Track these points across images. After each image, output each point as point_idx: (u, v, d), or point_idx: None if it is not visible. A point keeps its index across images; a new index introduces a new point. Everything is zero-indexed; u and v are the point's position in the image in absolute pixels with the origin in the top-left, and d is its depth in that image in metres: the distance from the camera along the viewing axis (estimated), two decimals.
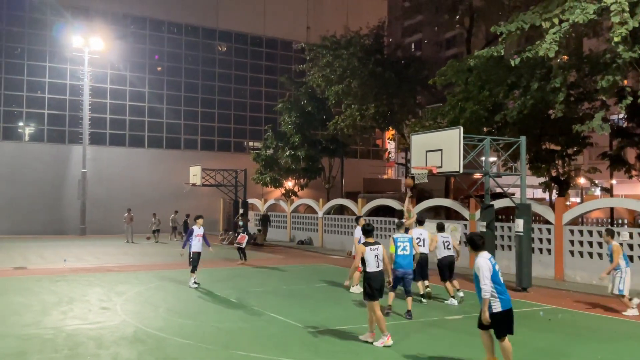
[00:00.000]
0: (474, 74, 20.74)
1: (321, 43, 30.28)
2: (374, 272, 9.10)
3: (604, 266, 15.70)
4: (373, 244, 9.21)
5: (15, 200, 34.85)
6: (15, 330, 9.92)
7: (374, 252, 9.12)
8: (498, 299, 7.32)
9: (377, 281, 9.12)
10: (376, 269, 9.12)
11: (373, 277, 9.11)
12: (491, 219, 16.35)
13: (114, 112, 38.86)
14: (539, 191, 35.19)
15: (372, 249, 9.13)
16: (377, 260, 9.12)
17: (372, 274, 9.11)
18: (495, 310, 7.31)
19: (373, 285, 9.09)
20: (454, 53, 57.14)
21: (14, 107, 36.44)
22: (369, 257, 9.11)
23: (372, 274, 9.11)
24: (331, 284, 15.90)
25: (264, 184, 35.13)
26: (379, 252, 9.18)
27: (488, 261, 7.36)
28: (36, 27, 36.82)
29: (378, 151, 49.73)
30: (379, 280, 9.15)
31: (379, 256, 9.16)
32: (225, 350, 8.77)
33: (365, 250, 9.13)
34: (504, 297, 7.37)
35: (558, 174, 22.37)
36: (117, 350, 8.66)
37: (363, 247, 9.17)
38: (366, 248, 9.14)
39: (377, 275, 9.13)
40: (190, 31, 41.76)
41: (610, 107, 19.58)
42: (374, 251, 9.13)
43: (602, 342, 9.72)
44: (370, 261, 9.11)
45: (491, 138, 16.20)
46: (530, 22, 14.99)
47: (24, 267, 19.02)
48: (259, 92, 44.32)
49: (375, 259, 9.11)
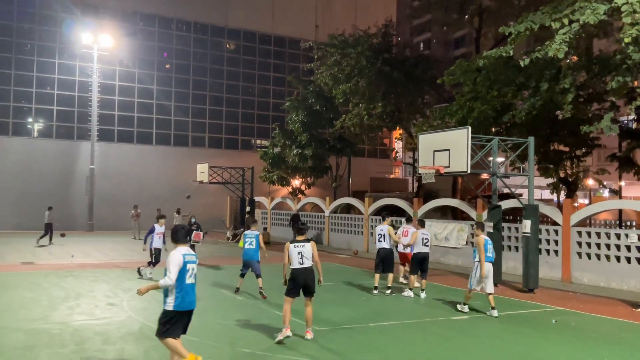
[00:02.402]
0: (482, 73, 20.67)
1: (329, 42, 30.24)
2: (296, 269, 9.24)
3: (612, 268, 15.69)
4: (300, 241, 9.34)
5: (23, 195, 35.05)
6: (24, 324, 10.00)
7: (298, 250, 9.25)
8: (175, 296, 6.93)
9: (300, 278, 9.22)
10: (299, 265, 9.21)
11: (295, 274, 9.25)
12: (498, 219, 16.32)
13: (123, 109, 39.01)
14: (547, 192, 35.05)
15: (297, 246, 9.27)
16: (300, 258, 9.22)
17: (294, 270, 9.26)
18: (169, 307, 6.99)
19: (296, 281, 9.25)
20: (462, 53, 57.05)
21: (23, 103, 36.65)
22: (293, 254, 9.25)
23: (295, 271, 9.25)
24: (337, 282, 15.90)
25: (271, 182, 35.15)
26: (305, 249, 9.26)
27: (181, 256, 7.01)
28: (46, 24, 37.01)
29: (385, 150, 49.63)
30: (302, 277, 9.22)
31: (303, 253, 9.24)
32: (230, 347, 8.80)
33: (289, 248, 9.30)
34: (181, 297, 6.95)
35: (566, 175, 22.27)
36: (123, 346, 8.70)
37: (288, 245, 9.36)
38: (291, 245, 9.31)
39: (299, 272, 9.22)
40: (199, 29, 41.85)
41: (619, 109, 19.50)
42: (297, 248, 9.26)
43: (609, 344, 9.67)
44: (294, 258, 9.24)
45: (499, 138, 16.15)
46: (539, 22, 14.90)
47: (32, 262, 19.16)
48: (266, 90, 44.37)
49: (299, 255, 9.23)
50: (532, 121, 19.27)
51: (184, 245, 7.12)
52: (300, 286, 9.29)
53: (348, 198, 29.24)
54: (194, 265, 7.07)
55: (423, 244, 13.87)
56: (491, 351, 9.00)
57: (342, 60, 28.69)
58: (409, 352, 8.72)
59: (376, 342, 9.29)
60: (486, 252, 11.67)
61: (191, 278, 7.00)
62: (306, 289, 9.34)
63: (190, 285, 7.00)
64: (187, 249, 7.07)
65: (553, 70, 18.22)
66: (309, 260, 9.30)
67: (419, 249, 13.85)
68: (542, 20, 14.85)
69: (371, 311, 11.95)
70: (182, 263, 6.92)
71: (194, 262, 7.06)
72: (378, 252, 14.03)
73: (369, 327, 10.35)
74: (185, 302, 6.94)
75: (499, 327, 10.82)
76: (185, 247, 7.08)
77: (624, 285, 15.30)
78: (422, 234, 13.92)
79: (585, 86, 19.00)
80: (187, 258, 6.97)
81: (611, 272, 15.74)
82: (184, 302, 6.92)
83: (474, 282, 11.83)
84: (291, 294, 9.29)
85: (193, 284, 7.04)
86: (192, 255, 7.03)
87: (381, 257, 13.92)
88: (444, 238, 20.69)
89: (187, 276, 6.94)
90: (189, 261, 6.97)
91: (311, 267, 9.34)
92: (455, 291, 14.82)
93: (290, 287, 9.30)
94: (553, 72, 18.19)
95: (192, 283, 7.02)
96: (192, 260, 7.02)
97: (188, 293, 6.95)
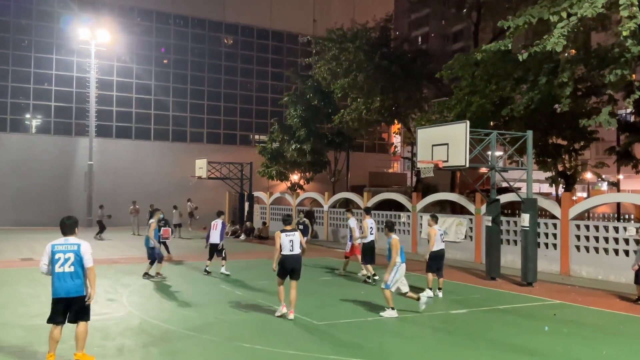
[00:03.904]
0: (480, 67, 20.64)
1: (327, 36, 30.19)
2: (286, 255, 10.33)
3: (610, 261, 15.72)
4: (289, 231, 10.47)
5: (22, 191, 35.03)
6: (22, 320, 10.00)
7: (289, 238, 10.35)
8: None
9: (289, 263, 10.32)
10: (289, 252, 10.32)
11: (285, 259, 10.33)
12: (497, 213, 16.34)
13: (121, 105, 38.96)
14: (545, 186, 35.11)
15: (287, 235, 10.38)
16: (291, 245, 10.32)
17: (285, 256, 10.34)
18: None
19: (284, 266, 10.34)
20: (460, 46, 56.94)
21: (21, 99, 36.59)
22: (284, 242, 10.33)
23: (285, 257, 10.34)
24: (336, 277, 15.94)
25: (270, 177, 35.12)
26: (294, 238, 10.41)
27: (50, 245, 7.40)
28: (44, 20, 36.91)
29: (384, 145, 49.66)
30: (290, 262, 10.32)
31: (294, 241, 10.36)
32: (230, 342, 8.81)
33: (281, 236, 10.34)
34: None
35: (565, 168, 22.28)
36: (123, 342, 8.71)
37: (279, 234, 10.39)
38: (282, 234, 10.36)
39: (288, 258, 10.32)
40: (196, 24, 41.75)
41: (618, 102, 19.48)
42: (288, 237, 10.36)
43: (607, 337, 9.70)
44: (285, 246, 10.32)
45: (498, 132, 16.15)
46: (538, 15, 14.87)
47: (31, 259, 19.14)
48: (265, 85, 44.31)
49: (290, 243, 10.32)
50: (530, 115, 19.26)
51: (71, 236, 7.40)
52: (288, 270, 10.37)
53: (347, 193, 29.23)
54: (63, 254, 7.24)
55: (441, 240, 13.32)
56: (490, 344, 9.02)
57: (340, 54, 28.65)
58: (407, 346, 8.74)
59: (375, 336, 9.31)
60: (401, 253, 10.87)
61: (61, 267, 7.21)
62: (293, 272, 10.41)
63: (61, 274, 7.21)
64: (65, 239, 7.31)
65: (551, 64, 18.19)
66: (298, 248, 10.42)
67: (438, 246, 13.14)
68: (541, 13, 14.82)
69: (369, 305, 11.97)
70: (51, 252, 7.26)
71: (63, 252, 7.25)
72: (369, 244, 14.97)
73: (367, 322, 10.37)
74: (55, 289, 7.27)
75: (497, 320, 10.85)
76: (63, 238, 7.35)
77: (622, 278, 15.32)
78: (439, 230, 13.38)
79: (583, 79, 18.99)
80: (56, 248, 7.28)
81: (609, 265, 15.77)
82: (54, 290, 7.28)
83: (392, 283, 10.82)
84: (282, 276, 10.45)
85: (63, 272, 7.21)
86: (62, 245, 7.26)
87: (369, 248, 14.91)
88: (443, 232, 20.64)
89: (57, 265, 7.22)
90: (57, 251, 7.26)
91: (299, 254, 10.44)
92: (455, 285, 14.84)
93: (280, 270, 10.42)
94: (551, 66, 18.16)
95: (62, 272, 7.21)
96: (61, 250, 7.25)
97: (59, 280, 7.23)
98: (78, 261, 7.25)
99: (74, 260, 7.23)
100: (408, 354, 8.34)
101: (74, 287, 7.23)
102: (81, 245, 7.31)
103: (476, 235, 19.72)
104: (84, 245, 7.35)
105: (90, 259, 7.35)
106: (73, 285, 7.23)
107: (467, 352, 8.52)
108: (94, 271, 7.36)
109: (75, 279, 7.24)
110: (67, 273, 7.21)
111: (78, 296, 7.27)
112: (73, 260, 7.23)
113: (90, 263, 7.33)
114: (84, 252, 7.30)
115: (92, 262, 7.37)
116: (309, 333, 9.49)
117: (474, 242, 19.87)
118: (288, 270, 10.38)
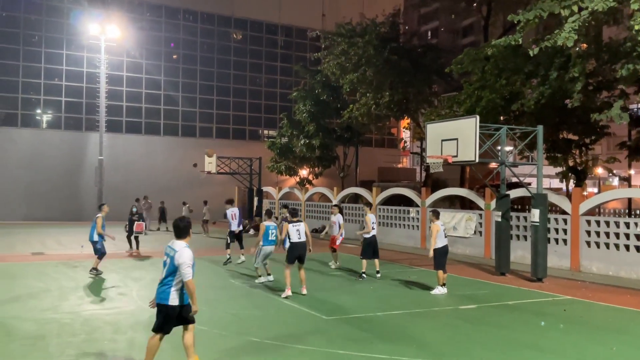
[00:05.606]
0: (491, 62, 20.51)
1: (336, 31, 30.10)
2: (295, 242, 11.93)
3: (621, 257, 15.63)
4: (295, 222, 12.05)
5: (33, 186, 35.28)
6: (34, 314, 10.08)
7: (296, 228, 11.93)
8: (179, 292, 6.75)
9: (298, 249, 11.90)
10: (298, 240, 11.89)
11: (294, 246, 11.92)
12: (507, 208, 16.27)
13: (130, 100, 39.11)
14: (556, 181, 34.90)
15: (294, 225, 11.95)
16: (298, 234, 11.90)
17: (294, 243, 11.95)
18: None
19: (294, 252, 11.92)
20: (470, 41, 56.66)
21: (31, 94, 36.81)
22: (292, 231, 11.89)
23: (294, 244, 11.94)
24: (344, 272, 15.94)
25: (279, 172, 35.16)
26: (300, 227, 11.98)
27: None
28: (54, 15, 37.08)
29: (393, 140, 49.53)
30: (298, 249, 11.90)
31: (300, 230, 11.94)
32: (239, 336, 8.84)
33: (289, 228, 11.95)
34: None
35: (575, 163, 22.12)
36: (133, 335, 8.77)
37: (287, 225, 12.01)
38: (289, 225, 11.96)
39: (297, 245, 11.90)
40: (205, 19, 41.79)
41: (629, 96, 19.29)
42: (295, 227, 11.93)
43: (617, 333, 9.64)
44: (293, 234, 11.88)
45: (508, 127, 16.07)
46: (549, 9, 14.73)
47: (42, 253, 19.30)
48: (274, 80, 44.30)
49: (297, 232, 11.90)
50: (541, 110, 19.13)
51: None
52: (296, 256, 11.96)
53: (356, 188, 29.21)
54: (166, 257, 6.77)
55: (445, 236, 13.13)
56: (499, 340, 9.00)
57: (350, 49, 28.56)
58: (417, 341, 8.73)
59: (384, 331, 9.31)
60: (268, 237, 12.90)
61: (163, 271, 6.78)
62: (300, 258, 12.04)
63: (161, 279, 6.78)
64: (172, 242, 6.81)
65: (562, 59, 18.05)
66: (304, 236, 11.98)
67: (442, 243, 12.93)
68: (552, 7, 14.68)
69: (379, 300, 11.98)
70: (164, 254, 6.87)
71: (166, 254, 6.77)
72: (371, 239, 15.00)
73: (377, 316, 10.37)
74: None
75: (507, 316, 10.81)
76: (171, 241, 6.85)
77: (633, 274, 15.24)
78: (442, 226, 13.14)
79: (594, 74, 18.80)
80: (166, 250, 6.84)
81: (620, 261, 15.67)
82: None
83: (259, 262, 13.32)
84: (290, 261, 11.96)
85: (162, 277, 6.76)
86: (168, 248, 6.77)
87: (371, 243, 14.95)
88: (452, 227, 20.65)
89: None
90: (165, 253, 6.85)
91: (304, 241, 12.01)
92: (464, 280, 14.82)
93: (289, 255, 12.00)
94: (562, 60, 18.02)
95: (161, 277, 6.78)
96: (166, 252, 6.80)
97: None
98: (170, 268, 6.65)
99: (168, 266, 6.68)
100: (417, 349, 8.33)
101: (158, 293, 6.71)
102: (177, 253, 6.62)
103: (486, 231, 19.65)
104: (180, 253, 6.60)
105: (189, 272, 6.56)
106: (158, 292, 6.72)
107: (476, 347, 8.50)
108: (191, 284, 6.56)
109: (161, 285, 6.70)
110: (161, 278, 6.76)
111: (160, 303, 6.70)
112: (168, 266, 6.69)
113: (188, 276, 6.53)
114: (180, 262, 6.58)
115: (191, 274, 6.57)
116: (318, 328, 9.51)
117: (483, 237, 19.81)
118: (297, 255, 11.91)
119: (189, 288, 6.59)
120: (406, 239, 23.35)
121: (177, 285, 6.65)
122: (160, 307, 6.73)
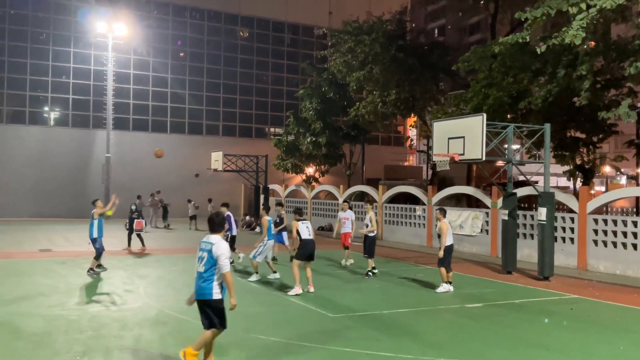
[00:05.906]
0: (498, 60, 20.45)
1: (343, 29, 30.08)
2: (306, 239, 12.06)
3: (628, 256, 15.55)
4: (304, 220, 12.31)
5: (40, 183, 35.45)
6: (41, 310, 10.14)
7: (305, 225, 12.18)
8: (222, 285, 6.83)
9: (309, 247, 12.05)
10: (308, 236, 12.09)
11: (306, 244, 12.06)
12: (513, 207, 16.22)
13: (137, 98, 39.20)
14: (563, 179, 34.75)
15: (304, 223, 12.20)
16: (308, 231, 12.13)
17: (305, 240, 12.08)
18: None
19: (305, 249, 12.03)
20: (478, 39, 56.39)
21: (39, 92, 36.95)
22: (302, 229, 12.07)
23: (305, 241, 12.08)
24: (351, 270, 15.94)
25: (285, 170, 35.19)
26: (309, 225, 12.28)
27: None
28: (61, 13, 37.20)
29: (399, 138, 49.44)
30: (310, 246, 12.06)
31: (309, 228, 12.20)
32: (245, 333, 8.86)
33: (299, 225, 12.10)
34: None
35: (583, 162, 22.04)
36: (140, 332, 8.81)
37: (297, 223, 12.15)
38: (299, 223, 12.14)
39: (309, 242, 12.05)
40: (212, 17, 41.81)
41: (637, 94, 19.19)
42: (304, 224, 12.18)
43: (624, 332, 9.60)
44: (303, 232, 12.06)
45: (515, 125, 16.02)
46: (556, 7, 14.65)
47: (49, 250, 19.41)
48: (280, 78, 44.30)
49: (307, 230, 12.13)
50: (548, 108, 19.05)
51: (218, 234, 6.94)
52: (308, 254, 12.05)
53: (362, 186, 29.19)
54: (201, 252, 6.84)
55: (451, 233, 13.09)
56: (505, 339, 8.98)
57: (356, 47, 28.53)
58: (423, 339, 8.73)
59: (390, 329, 9.31)
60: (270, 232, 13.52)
61: (198, 266, 6.84)
62: (311, 256, 12.16)
63: (197, 274, 6.86)
64: (207, 237, 6.87)
65: (570, 56, 17.96)
66: (313, 233, 12.22)
67: (451, 241, 12.88)
68: (559, 5, 14.60)
69: (385, 298, 11.98)
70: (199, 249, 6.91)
71: (202, 250, 6.82)
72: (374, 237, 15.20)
73: (383, 314, 10.37)
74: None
75: (513, 315, 10.79)
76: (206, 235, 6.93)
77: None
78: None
79: (602, 72, 18.71)
80: (201, 245, 6.91)
81: (628, 260, 15.59)
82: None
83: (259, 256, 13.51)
84: (302, 258, 12.04)
85: (198, 272, 6.84)
86: (203, 243, 6.85)
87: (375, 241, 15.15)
88: (459, 226, 20.62)
89: (197, 263, 6.89)
90: (200, 248, 6.89)
91: (313, 239, 12.17)
92: (470, 279, 14.79)
93: (301, 253, 12.05)
94: (570, 58, 17.93)
95: (197, 272, 6.84)
96: (202, 248, 6.85)
97: (196, 279, 6.90)
98: (209, 261, 6.69)
99: (206, 260, 6.71)
100: (423, 346, 8.33)
101: (199, 289, 6.76)
102: (214, 245, 6.70)
103: (492, 229, 19.60)
104: (218, 245, 6.69)
105: (227, 263, 6.66)
106: (198, 287, 6.77)
107: (482, 346, 8.49)
108: (228, 277, 6.66)
109: (201, 281, 6.74)
110: (199, 273, 6.77)
111: (201, 299, 6.78)
112: (205, 260, 6.72)
113: (227, 268, 6.64)
114: (219, 253, 6.65)
115: (229, 266, 6.70)
116: (324, 326, 9.51)
117: (490, 235, 19.76)
118: (308, 253, 12.01)
119: (227, 279, 6.68)
120: (412, 237, 23.32)
121: (219, 280, 6.74)
122: (206, 303, 6.79)
